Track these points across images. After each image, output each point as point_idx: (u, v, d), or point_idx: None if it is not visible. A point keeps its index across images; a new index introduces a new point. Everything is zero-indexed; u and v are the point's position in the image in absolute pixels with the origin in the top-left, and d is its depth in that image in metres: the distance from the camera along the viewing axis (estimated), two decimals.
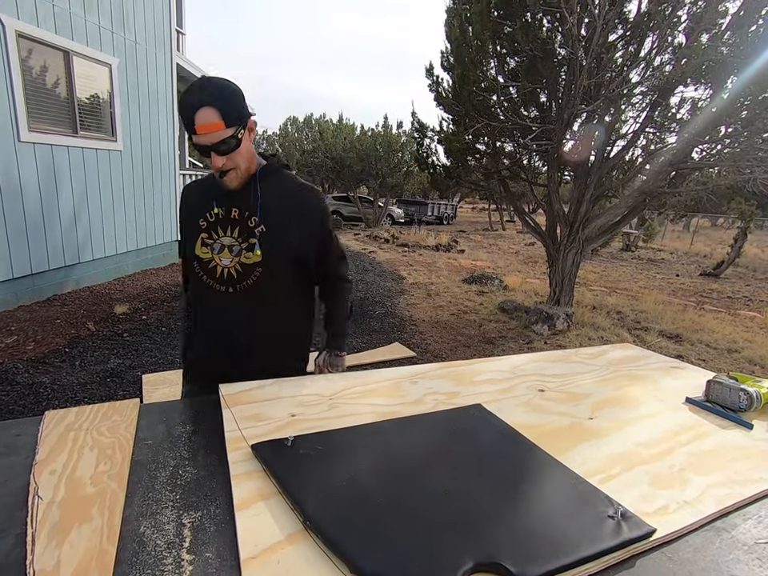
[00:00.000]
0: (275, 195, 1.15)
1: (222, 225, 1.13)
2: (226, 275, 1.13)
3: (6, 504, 0.61)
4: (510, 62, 4.73)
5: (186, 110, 0.99)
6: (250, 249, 1.12)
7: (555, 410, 1.01)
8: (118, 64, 5.42)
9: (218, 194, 1.13)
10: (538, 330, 4.93)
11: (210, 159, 1.03)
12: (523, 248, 14.04)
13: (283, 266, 1.17)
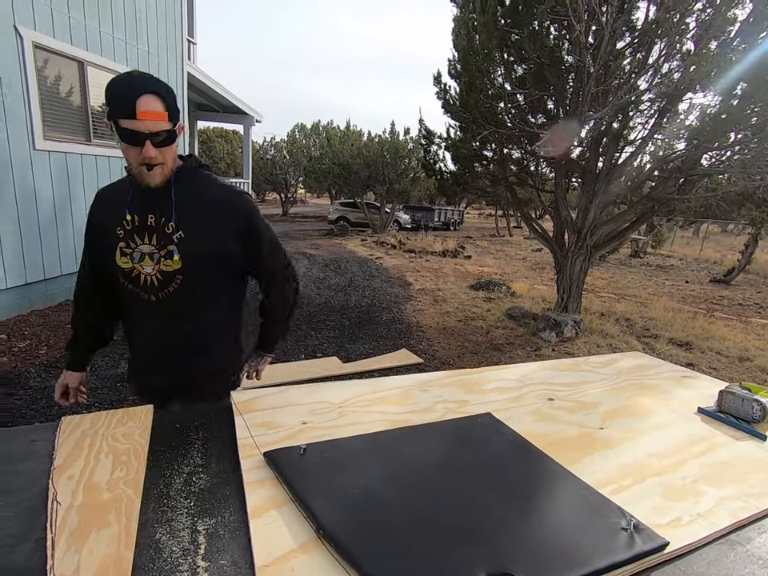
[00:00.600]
0: (192, 198, 1.10)
1: (138, 233, 1.09)
2: (150, 283, 1.11)
3: (26, 509, 0.62)
4: (518, 70, 4.75)
5: (127, 93, 0.93)
6: (169, 256, 1.08)
7: (565, 419, 1.00)
8: None
9: (132, 200, 1.08)
10: (546, 337, 4.90)
11: (138, 149, 0.96)
12: (530, 254, 13.99)
13: (205, 271, 1.12)
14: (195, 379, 1.19)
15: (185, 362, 1.19)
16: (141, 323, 1.18)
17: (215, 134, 28.52)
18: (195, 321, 1.16)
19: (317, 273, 8.41)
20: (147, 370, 1.22)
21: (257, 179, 21.55)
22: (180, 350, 1.18)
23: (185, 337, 1.17)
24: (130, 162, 1.00)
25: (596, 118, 4.12)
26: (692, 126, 4.28)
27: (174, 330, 1.15)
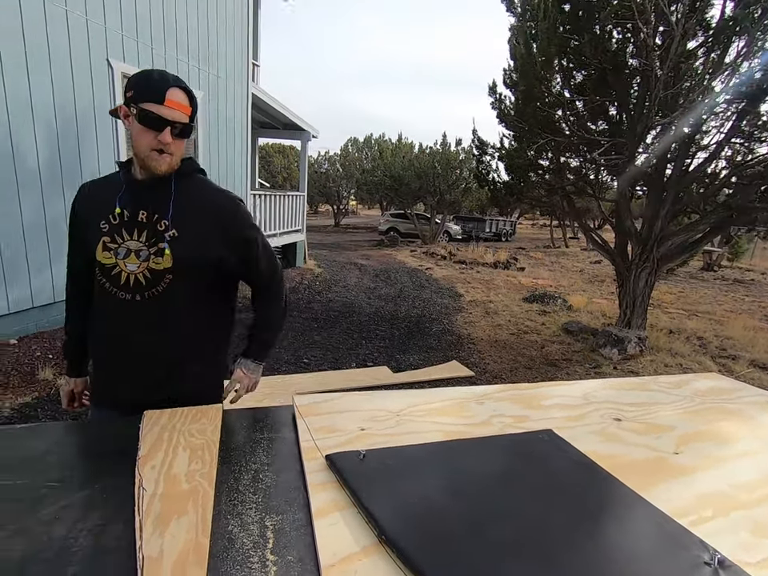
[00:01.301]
0: (189, 199, 1.09)
1: (126, 227, 1.06)
2: (133, 282, 1.05)
3: (117, 493, 0.69)
4: (577, 76, 4.60)
5: (160, 81, 0.99)
6: (159, 254, 1.05)
7: (634, 441, 0.94)
8: (202, 96, 5.98)
9: (123, 194, 1.06)
10: (607, 354, 4.62)
11: (154, 134, 0.99)
12: (588, 266, 13.33)
13: (197, 274, 1.09)
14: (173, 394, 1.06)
15: (165, 373, 1.10)
16: (114, 327, 1.08)
17: (273, 149, 30.02)
18: (178, 328, 1.10)
19: (367, 283, 8.53)
20: (117, 380, 1.12)
21: (310, 192, 22.38)
22: (159, 360, 1.09)
23: (166, 344, 1.09)
24: (141, 145, 1.01)
25: (664, 123, 3.88)
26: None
27: (153, 337, 1.08)
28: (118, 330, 1.09)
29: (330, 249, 13.99)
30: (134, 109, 0.99)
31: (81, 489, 0.69)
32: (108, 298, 1.07)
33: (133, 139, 1.03)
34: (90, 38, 4.29)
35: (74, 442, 0.83)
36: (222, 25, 6.32)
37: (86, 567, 0.54)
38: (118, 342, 1.09)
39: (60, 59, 4.02)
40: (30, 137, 3.87)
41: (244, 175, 7.31)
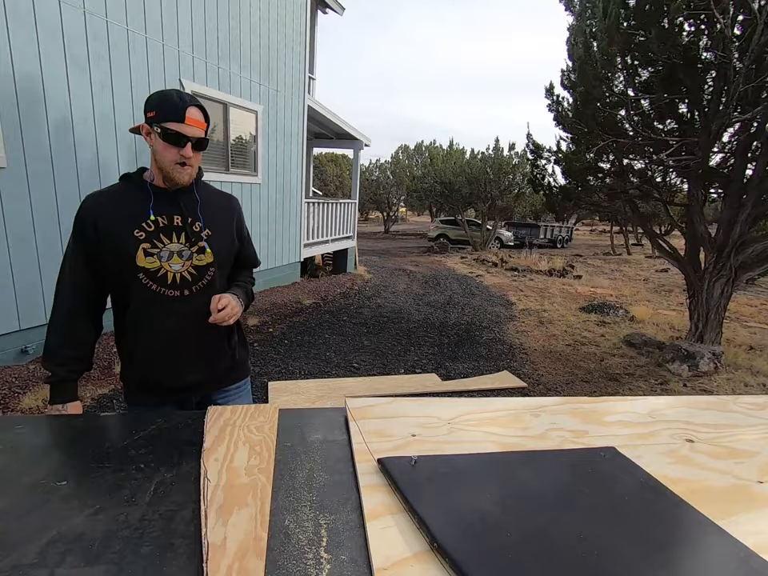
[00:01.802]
0: (209, 201, 1.26)
1: (164, 232, 1.16)
2: (180, 280, 1.18)
3: (184, 482, 0.74)
4: (642, 74, 4.34)
5: (179, 102, 1.10)
6: (201, 251, 1.20)
7: (710, 466, 0.87)
8: (262, 110, 6.31)
9: (154, 203, 1.16)
10: (675, 370, 4.27)
11: (177, 150, 1.11)
12: (653, 275, 12.44)
13: (228, 263, 1.31)
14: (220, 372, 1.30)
15: (212, 356, 1.28)
16: (163, 323, 1.19)
17: (326, 159, 30.96)
18: None
19: (416, 289, 8.51)
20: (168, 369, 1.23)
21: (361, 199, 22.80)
22: (207, 345, 1.26)
23: (211, 329, 1.22)
24: (165, 160, 1.12)
25: (744, 120, 3.56)
26: None
27: (201, 325, 1.20)
28: (174, 324, 1.20)
29: (379, 255, 14.13)
30: (157, 128, 1.10)
31: (153, 476, 0.75)
32: (157, 299, 1.17)
33: (156, 154, 1.14)
34: (166, 61, 4.68)
35: (146, 432, 0.90)
36: (281, 42, 6.65)
37: (158, 548, 0.59)
38: (177, 335, 1.21)
39: (140, 80, 4.42)
40: (113, 155, 4.28)
41: (299, 184, 7.60)
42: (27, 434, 0.88)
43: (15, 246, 3.55)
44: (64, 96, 3.77)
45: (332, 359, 4.38)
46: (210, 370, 1.28)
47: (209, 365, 1.28)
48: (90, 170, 4.05)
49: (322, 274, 9.00)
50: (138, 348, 1.23)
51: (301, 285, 7.81)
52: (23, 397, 3.11)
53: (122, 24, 4.16)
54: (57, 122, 3.75)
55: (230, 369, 1.34)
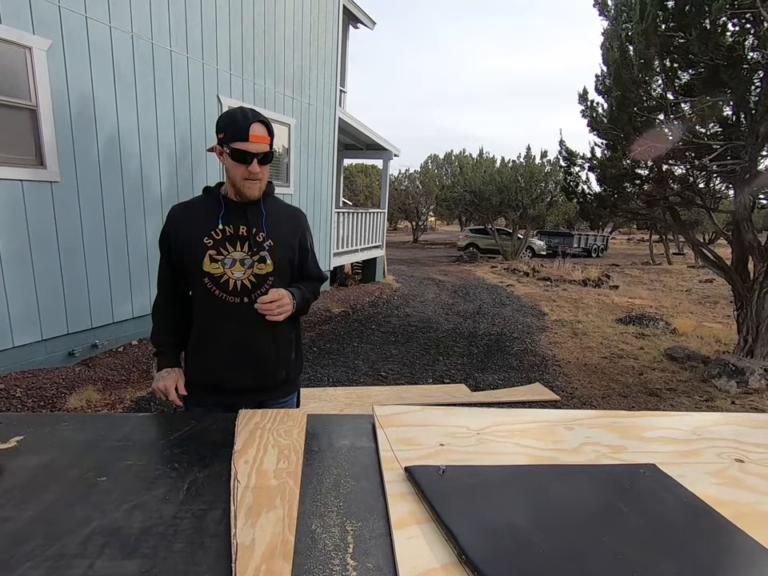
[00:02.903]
0: (274, 214, 1.29)
1: (230, 241, 1.22)
2: (240, 287, 1.22)
3: (215, 482, 0.75)
4: (683, 77, 4.19)
5: (243, 121, 1.14)
6: (262, 261, 1.24)
7: (762, 488, 0.81)
8: (295, 124, 6.49)
9: (224, 213, 1.23)
10: (722, 386, 4.03)
11: (245, 167, 1.16)
12: (697, 285, 11.82)
13: (288, 274, 1.32)
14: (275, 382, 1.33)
15: (269, 366, 1.30)
16: (223, 327, 1.25)
17: (356, 169, 31.39)
18: (278, 324, 1.25)
19: (445, 299, 8.44)
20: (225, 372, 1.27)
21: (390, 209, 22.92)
22: (264, 353, 1.28)
23: (269, 339, 1.27)
24: (236, 177, 1.19)
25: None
26: None
27: (258, 333, 1.25)
28: (233, 329, 1.25)
29: (408, 264, 14.13)
30: (227, 148, 1.16)
31: (187, 475, 0.77)
32: (218, 303, 1.23)
33: (227, 171, 1.22)
34: (205, 78, 4.90)
35: (181, 432, 0.92)
36: (313, 57, 6.84)
37: (190, 545, 0.60)
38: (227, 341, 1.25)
39: (181, 97, 4.64)
40: (155, 167, 4.50)
41: (329, 194, 7.73)
42: (73, 430, 0.93)
43: (66, 256, 3.79)
44: (112, 113, 4.02)
45: (360, 367, 4.39)
46: (264, 377, 1.31)
47: (264, 373, 1.30)
48: (133, 183, 4.28)
49: (351, 283, 9.08)
50: (199, 349, 1.30)
51: (330, 293, 7.90)
52: (69, 397, 3.28)
53: (166, 46, 4.40)
54: (105, 138, 3.99)
55: (284, 382, 1.36)
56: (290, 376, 1.37)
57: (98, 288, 4.08)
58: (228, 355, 1.26)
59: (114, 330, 4.32)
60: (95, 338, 4.15)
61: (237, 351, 1.26)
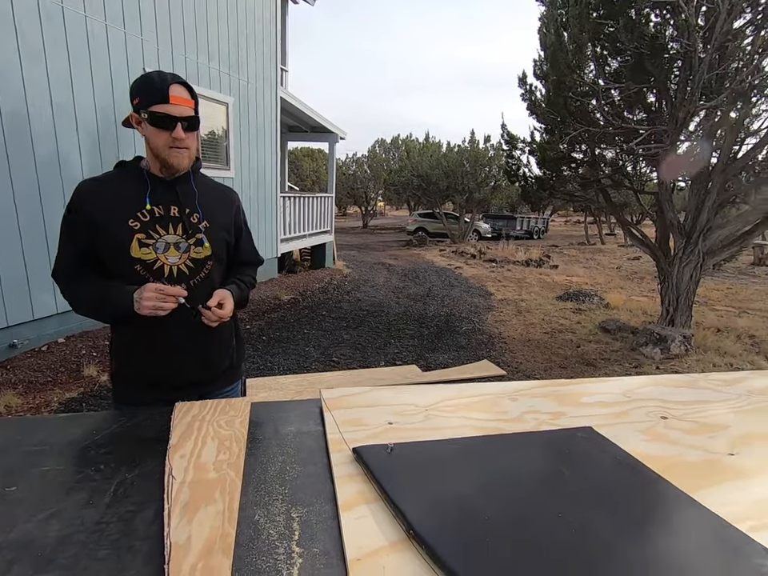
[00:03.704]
0: (207, 193, 1.20)
1: (160, 223, 1.10)
2: (177, 273, 1.12)
3: (147, 481, 0.69)
4: (612, 63, 4.42)
5: (160, 83, 1.03)
6: (199, 244, 1.15)
7: (683, 441, 0.88)
8: (233, 103, 6.14)
9: (151, 192, 1.09)
10: (648, 354, 4.40)
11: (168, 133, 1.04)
12: (626, 263, 12.79)
13: (225, 256, 1.24)
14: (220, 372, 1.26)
15: (214, 355, 1.23)
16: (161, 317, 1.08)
17: (302, 153, 30.53)
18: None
19: (396, 282, 8.51)
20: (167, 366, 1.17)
21: (338, 194, 22.61)
22: (208, 343, 1.20)
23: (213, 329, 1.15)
24: (159, 146, 1.06)
25: (709, 108, 3.66)
26: None
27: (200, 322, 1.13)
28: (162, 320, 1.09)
29: (358, 249, 14.07)
30: (145, 114, 1.05)
31: (114, 476, 0.70)
32: None
33: (148, 142, 1.09)
34: (128, 50, 4.48)
35: (108, 431, 0.85)
36: (251, 32, 6.48)
37: (116, 550, 0.55)
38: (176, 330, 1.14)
39: (101, 69, 4.22)
40: (74, 146, 4.08)
41: (274, 178, 7.46)
42: None
43: None
44: (17, 85, 3.57)
45: (311, 354, 4.33)
46: (210, 368, 1.24)
47: (209, 363, 1.23)
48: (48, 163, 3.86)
49: (300, 270, 8.89)
50: (133, 344, 1.17)
51: (278, 281, 7.69)
52: None
53: (79, 10, 3.96)
54: (9, 113, 3.55)
55: (228, 369, 1.30)
56: (233, 363, 1.31)
57: (12, 281, 3.67)
58: (169, 347, 1.16)
59: (36, 327, 3.93)
60: (13, 338, 3.75)
61: (178, 342, 1.16)
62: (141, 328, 1.13)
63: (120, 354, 1.20)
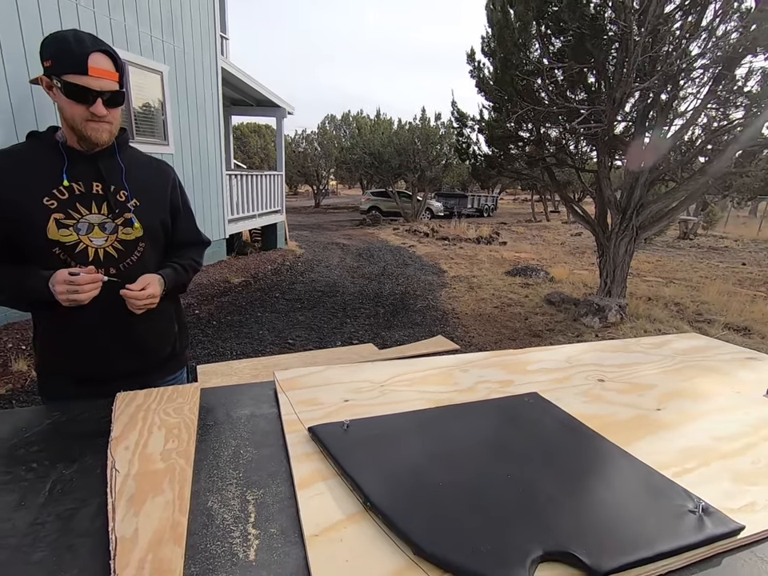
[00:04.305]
0: (136, 168, 1.10)
1: (81, 201, 1.00)
2: (103, 256, 1.03)
3: (87, 477, 0.65)
4: (556, 43, 4.52)
5: (78, 48, 0.91)
6: (128, 224, 1.05)
7: (617, 400, 0.95)
8: (168, 72, 5.69)
9: (68, 167, 0.99)
10: (588, 323, 4.72)
11: (85, 107, 0.93)
12: (569, 238, 13.49)
13: (159, 240, 1.14)
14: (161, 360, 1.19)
15: (152, 342, 1.15)
16: (87, 305, 0.99)
17: (249, 129, 29.10)
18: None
19: (350, 262, 8.46)
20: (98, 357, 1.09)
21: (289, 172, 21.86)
22: (145, 330, 1.12)
23: (146, 313, 1.08)
24: (74, 118, 0.95)
25: (642, 89, 3.87)
26: (752, 92, 3.93)
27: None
28: (101, 306, 1.01)
29: (311, 230, 13.79)
30: (57, 81, 0.92)
31: (48, 474, 0.65)
32: None
33: (61, 111, 0.96)
34: (41, 10, 4.00)
35: (39, 428, 0.78)
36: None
37: (55, 551, 0.51)
38: (106, 318, 1.06)
39: (9, 30, 3.75)
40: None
41: (218, 155, 7.07)
42: None
43: None
44: None
45: (266, 337, 4.24)
46: (149, 357, 1.16)
47: (148, 352, 1.15)
48: None
49: (250, 251, 8.59)
50: (56, 335, 1.07)
51: (228, 263, 7.40)
52: None
53: None
54: None
55: (171, 357, 1.23)
56: (174, 351, 1.23)
57: None
58: (98, 337, 1.07)
59: None
60: None
61: (109, 331, 1.08)
62: (63, 316, 1.02)
63: (43, 345, 1.10)
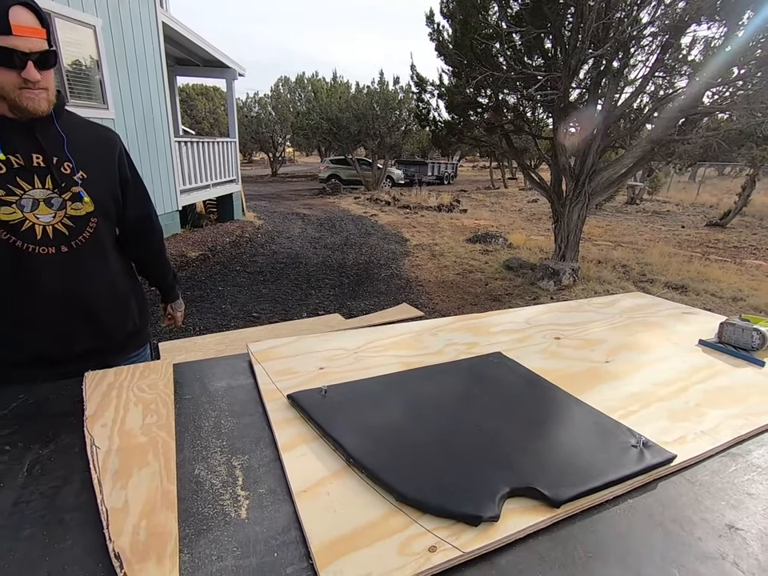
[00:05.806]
0: (78, 136, 1.02)
1: (21, 175, 0.94)
2: (53, 234, 0.98)
3: (66, 455, 0.65)
4: (514, 6, 4.48)
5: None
6: (77, 198, 0.99)
7: (572, 355, 1.04)
8: (102, 25, 5.17)
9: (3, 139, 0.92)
10: (544, 286, 4.95)
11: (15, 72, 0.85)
12: (526, 205, 13.86)
13: (111, 214, 1.09)
14: (120, 339, 1.16)
15: (109, 321, 1.12)
16: (37, 286, 0.97)
17: (195, 91, 27.18)
18: (110, 272, 1.10)
19: (312, 233, 8.33)
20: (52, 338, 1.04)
21: (242, 138, 20.79)
22: (102, 308, 1.09)
23: (103, 289, 1.07)
24: (4, 86, 0.86)
25: (596, 56, 3.94)
26: (695, 61, 4.11)
27: (88, 285, 1.05)
28: (55, 285, 0.99)
29: (269, 200, 13.35)
30: None
31: (24, 455, 0.65)
32: (25, 258, 0.96)
33: None
34: None
35: (5, 410, 0.76)
36: None
37: (43, 526, 0.52)
38: (59, 297, 1.02)
39: None
40: None
41: (165, 120, 6.60)
42: None
43: None
44: None
45: (229, 311, 4.17)
46: (107, 336, 1.12)
47: (106, 331, 1.12)
48: None
49: (206, 223, 8.23)
50: (9, 317, 1.01)
51: (183, 236, 7.08)
52: None
53: None
54: None
55: (131, 335, 1.19)
56: (136, 327, 1.20)
57: None
58: (52, 316, 1.02)
59: None
60: None
61: (63, 310, 1.03)
62: (9, 297, 0.98)
63: None
